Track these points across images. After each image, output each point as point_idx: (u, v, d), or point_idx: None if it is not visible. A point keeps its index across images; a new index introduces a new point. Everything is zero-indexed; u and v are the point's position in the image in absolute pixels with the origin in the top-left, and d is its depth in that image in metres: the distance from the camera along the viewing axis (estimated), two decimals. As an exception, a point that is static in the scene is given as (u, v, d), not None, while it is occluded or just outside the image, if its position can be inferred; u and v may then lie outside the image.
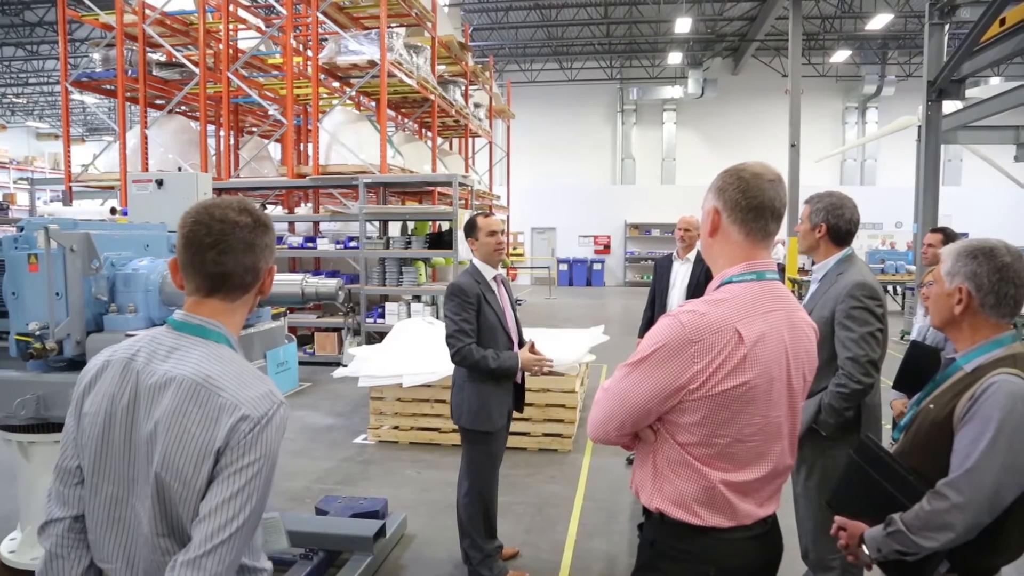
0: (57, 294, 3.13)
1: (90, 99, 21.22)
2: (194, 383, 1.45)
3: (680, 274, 5.43)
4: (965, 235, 2.07)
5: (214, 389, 1.44)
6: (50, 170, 28.78)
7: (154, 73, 11.40)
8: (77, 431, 1.56)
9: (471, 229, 3.86)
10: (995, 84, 20.87)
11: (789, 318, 1.77)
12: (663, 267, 5.59)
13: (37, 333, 3.11)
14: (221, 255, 1.53)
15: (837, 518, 2.14)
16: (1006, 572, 1.99)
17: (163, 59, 11.75)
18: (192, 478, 1.42)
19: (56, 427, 3.31)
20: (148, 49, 11.04)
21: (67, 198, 11.68)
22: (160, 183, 4.14)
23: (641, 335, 5.55)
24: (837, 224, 3.04)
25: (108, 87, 11.92)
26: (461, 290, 3.71)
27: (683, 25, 20.33)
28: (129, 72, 11.03)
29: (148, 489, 1.46)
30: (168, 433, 1.43)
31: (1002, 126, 13.76)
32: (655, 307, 5.55)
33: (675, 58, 24.73)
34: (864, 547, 2.01)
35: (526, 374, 3.97)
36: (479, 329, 3.71)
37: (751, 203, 1.75)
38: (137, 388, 1.50)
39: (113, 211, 6.85)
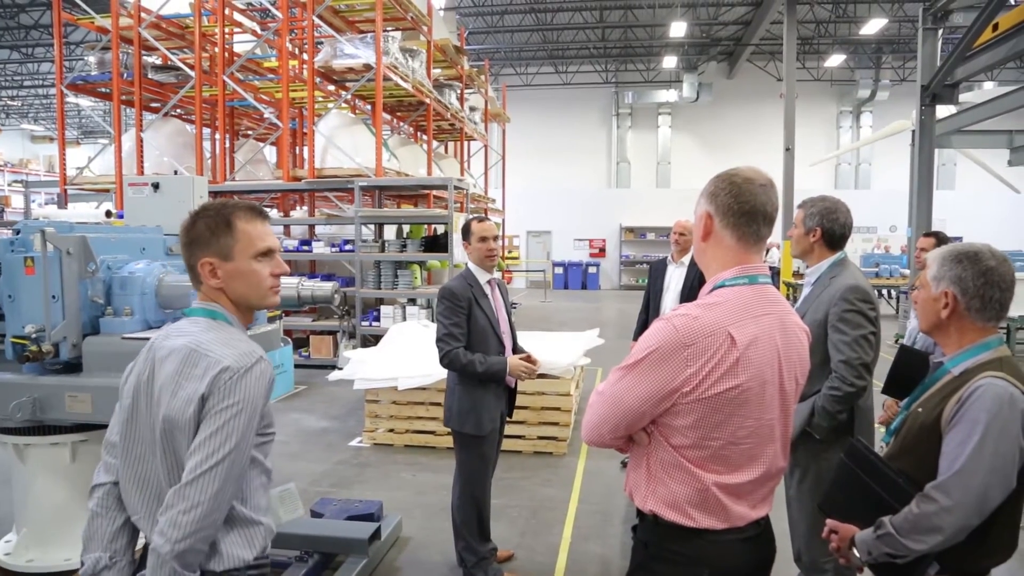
0: (53, 297, 3.13)
1: (85, 102, 21.18)
2: (189, 349, 1.72)
3: (674, 278, 5.46)
4: (959, 239, 2.09)
5: (203, 352, 1.71)
6: (45, 173, 28.69)
7: (150, 76, 11.39)
8: (119, 410, 1.85)
9: (464, 234, 3.88)
10: (988, 89, 21.02)
11: (781, 322, 1.79)
12: (658, 270, 5.62)
13: (33, 336, 3.12)
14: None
15: (829, 521, 2.16)
16: (996, 573, 2.01)
17: (159, 62, 11.75)
18: (184, 424, 1.67)
19: (51, 430, 3.32)
20: (144, 52, 11.04)
21: (62, 201, 11.65)
22: (156, 186, 4.14)
23: (636, 338, 5.59)
24: (831, 228, 3.07)
25: (103, 90, 11.91)
26: (452, 294, 3.71)
27: (678, 29, 20.38)
28: (124, 75, 11.02)
29: (158, 443, 1.72)
30: (167, 390, 1.71)
31: (995, 130, 13.82)
32: (649, 310, 5.58)
33: (670, 62, 24.82)
34: (855, 550, 2.03)
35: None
36: (470, 333, 3.71)
37: (743, 208, 1.77)
38: (153, 364, 1.78)
39: (108, 214, 6.85)
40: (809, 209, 3.10)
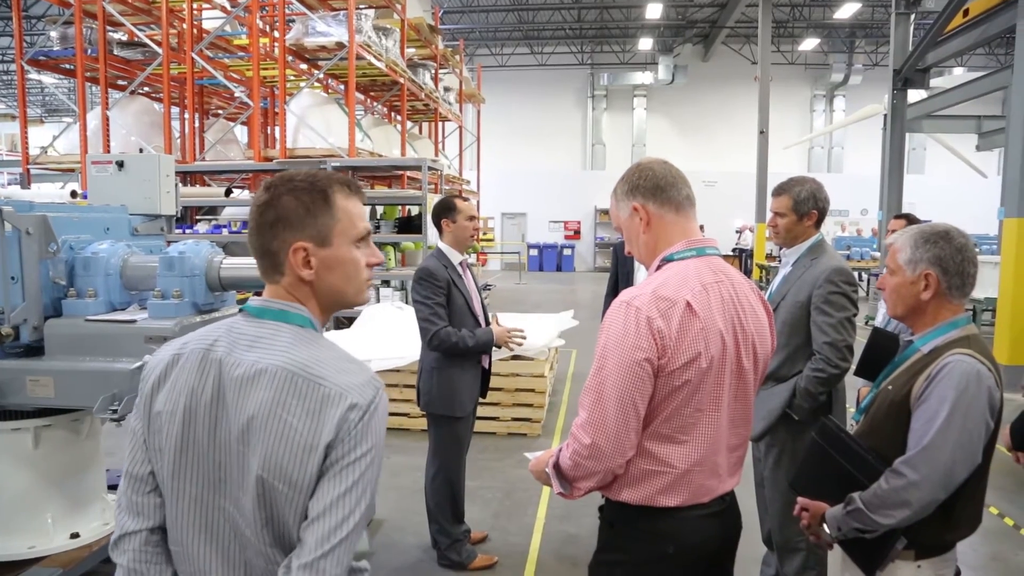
0: (12, 278, 3.04)
1: (48, 79, 20.66)
2: (289, 373, 1.33)
3: None
4: (928, 223, 2.09)
5: (313, 378, 1.33)
6: (7, 152, 27.96)
7: (115, 53, 11.08)
8: (148, 432, 1.42)
9: (447, 211, 3.79)
10: (958, 74, 21.27)
11: (734, 291, 1.82)
12: (623, 251, 5.63)
13: (-8, 318, 3.03)
14: (251, 235, 1.45)
15: (800, 499, 2.17)
16: (961, 548, 2.04)
17: (124, 38, 11.44)
18: (299, 477, 1.31)
19: (12, 415, 3.24)
20: (108, 27, 10.72)
21: (25, 181, 11.36)
22: (120, 164, 4.03)
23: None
24: (824, 208, 3.08)
25: (67, 66, 11.57)
26: (431, 274, 3.68)
27: (654, 11, 20.35)
28: (89, 51, 10.71)
29: (241, 492, 1.35)
30: (267, 430, 1.31)
31: (964, 115, 14.05)
32: (618, 292, 5.59)
33: (646, 44, 24.81)
34: (825, 526, 2.05)
35: (493, 360, 3.96)
36: (448, 314, 3.70)
37: (665, 180, 1.85)
38: (221, 381, 1.37)
39: (74, 194, 6.67)
40: (798, 194, 3.04)
